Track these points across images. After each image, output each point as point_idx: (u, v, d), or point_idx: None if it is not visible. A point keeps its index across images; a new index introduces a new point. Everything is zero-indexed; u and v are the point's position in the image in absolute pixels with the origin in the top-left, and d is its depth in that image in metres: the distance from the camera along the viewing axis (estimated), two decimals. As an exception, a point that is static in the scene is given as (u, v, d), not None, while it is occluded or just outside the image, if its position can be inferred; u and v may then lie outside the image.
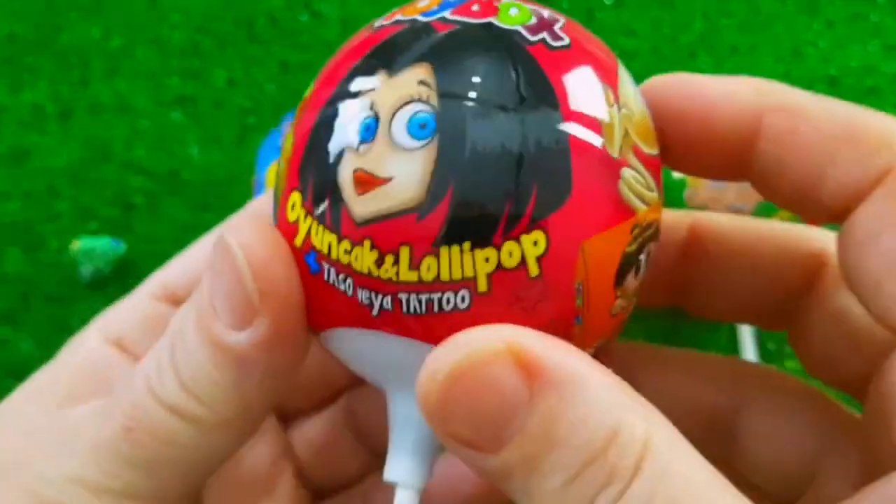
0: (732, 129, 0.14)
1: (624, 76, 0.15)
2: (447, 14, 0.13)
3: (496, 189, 0.12)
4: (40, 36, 0.45)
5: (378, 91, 0.12)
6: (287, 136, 0.14)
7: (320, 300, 0.13)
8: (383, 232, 0.12)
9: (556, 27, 0.14)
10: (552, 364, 0.11)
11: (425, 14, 0.13)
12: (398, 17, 0.14)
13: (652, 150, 0.14)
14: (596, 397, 0.10)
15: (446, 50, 0.12)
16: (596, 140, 0.13)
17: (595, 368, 0.11)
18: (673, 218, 0.17)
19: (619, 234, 0.13)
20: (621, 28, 0.43)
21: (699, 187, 0.31)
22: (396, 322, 0.12)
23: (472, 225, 0.12)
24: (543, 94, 0.12)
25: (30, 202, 0.41)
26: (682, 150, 0.15)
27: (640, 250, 0.13)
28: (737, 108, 0.14)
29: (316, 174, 0.13)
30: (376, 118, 0.12)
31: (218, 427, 0.14)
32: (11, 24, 0.45)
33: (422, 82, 0.12)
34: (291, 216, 0.13)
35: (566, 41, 0.13)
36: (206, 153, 0.42)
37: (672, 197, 0.32)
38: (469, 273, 0.12)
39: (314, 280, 0.13)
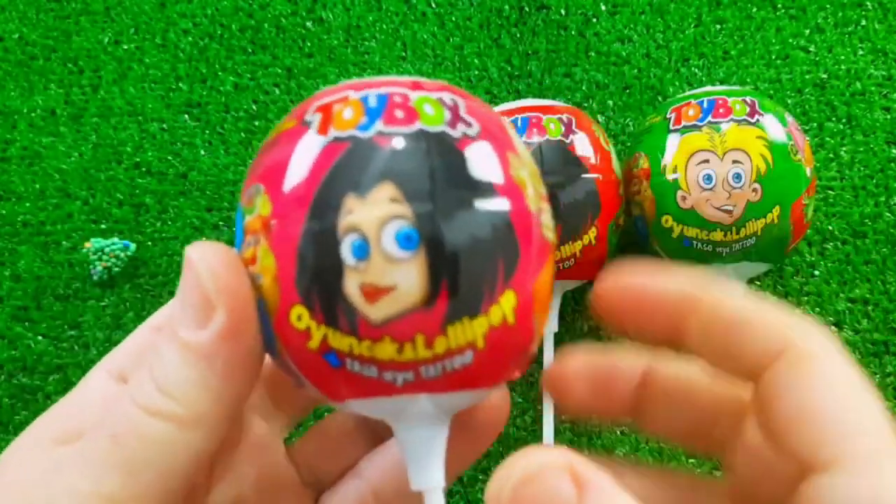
0: (669, 318, 0.18)
1: (514, 134, 0.17)
2: (381, 126, 0.15)
3: (477, 272, 0.15)
4: (52, 41, 0.46)
5: (356, 214, 0.15)
6: (261, 248, 0.16)
7: (344, 384, 0.16)
8: (399, 328, 0.15)
9: (462, 112, 0.16)
10: (594, 477, 0.14)
11: (361, 128, 0.15)
12: (334, 133, 0.15)
13: (543, 188, 0.17)
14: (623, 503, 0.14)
15: (401, 165, 0.15)
16: (523, 205, 0.16)
17: (617, 483, 0.14)
18: (633, 358, 0.20)
19: (549, 266, 0.17)
20: (616, 34, 0.44)
21: (690, 190, 0.32)
22: (416, 386, 0.15)
23: (466, 304, 0.15)
24: (484, 183, 0.15)
25: (42, 203, 0.42)
26: (629, 327, 0.18)
27: (555, 271, 0.16)
28: (675, 303, 0.17)
29: (321, 292, 0.15)
30: (364, 238, 0.15)
31: (193, 423, 0.16)
32: (23, 30, 0.46)
33: (393, 199, 0.15)
34: (300, 325, 0.15)
35: (476, 126, 0.16)
36: (213, 156, 0.43)
37: (666, 200, 0.33)
38: (470, 338, 0.15)
39: (336, 372, 0.15)
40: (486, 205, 0.15)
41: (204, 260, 0.16)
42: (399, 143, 0.15)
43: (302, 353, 0.15)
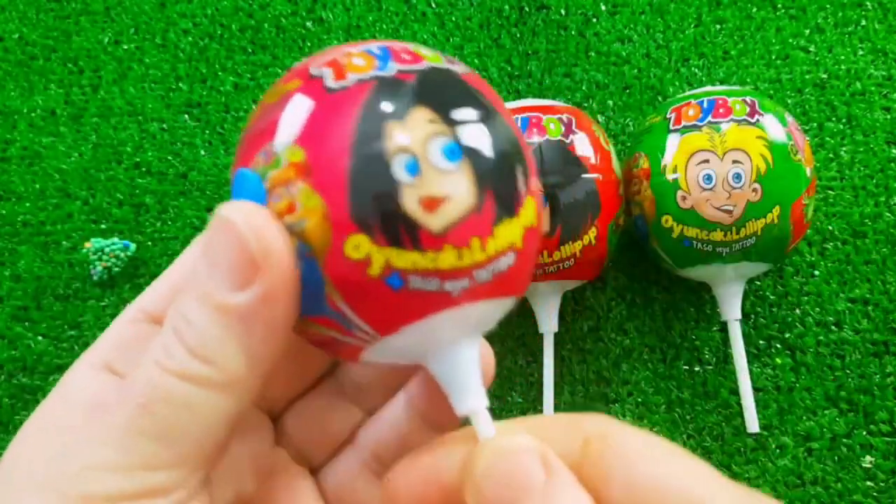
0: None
1: None
2: (397, 65, 0.17)
3: (510, 178, 0.17)
4: (52, 41, 0.46)
5: (400, 136, 0.16)
6: (300, 194, 0.16)
7: (402, 308, 0.16)
8: (457, 234, 0.16)
9: (447, 56, 0.19)
10: (561, 466, 0.16)
11: (379, 69, 0.17)
12: (354, 76, 0.17)
13: None
14: (575, 492, 0.16)
15: (427, 93, 0.17)
16: (515, 123, 0.18)
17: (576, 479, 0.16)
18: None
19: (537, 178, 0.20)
20: (616, 34, 0.44)
21: (690, 190, 0.32)
22: (470, 294, 0.17)
23: (506, 205, 0.17)
24: (493, 106, 0.18)
25: (42, 203, 0.42)
26: None
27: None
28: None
29: (381, 214, 0.16)
30: (414, 156, 0.16)
31: (226, 386, 0.16)
32: (23, 30, 0.46)
33: (431, 120, 0.16)
34: (357, 254, 0.16)
35: (461, 66, 0.18)
36: (213, 156, 0.43)
37: (666, 200, 0.33)
38: (512, 238, 0.17)
39: (396, 295, 0.16)
40: (498, 122, 0.17)
41: (245, 220, 0.15)
42: (419, 78, 0.17)
43: (360, 285, 0.16)
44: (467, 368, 0.18)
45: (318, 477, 0.22)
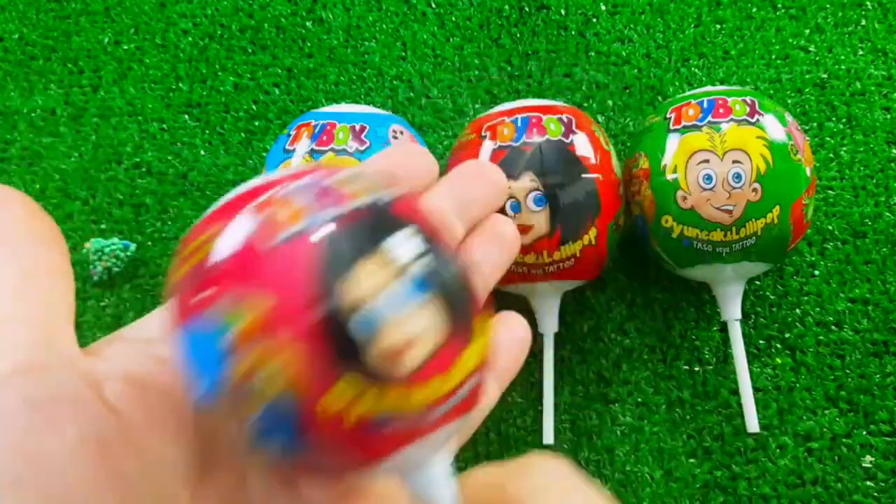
0: None
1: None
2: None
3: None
4: (52, 41, 0.46)
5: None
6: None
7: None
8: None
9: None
10: None
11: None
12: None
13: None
14: None
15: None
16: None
17: None
18: None
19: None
20: (616, 34, 0.44)
21: (690, 190, 0.32)
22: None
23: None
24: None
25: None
26: None
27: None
28: None
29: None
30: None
31: None
32: (23, 30, 0.46)
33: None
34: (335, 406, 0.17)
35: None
36: (213, 156, 0.43)
37: (666, 200, 0.33)
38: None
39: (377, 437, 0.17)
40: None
41: None
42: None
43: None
44: (441, 484, 0.18)
45: None
